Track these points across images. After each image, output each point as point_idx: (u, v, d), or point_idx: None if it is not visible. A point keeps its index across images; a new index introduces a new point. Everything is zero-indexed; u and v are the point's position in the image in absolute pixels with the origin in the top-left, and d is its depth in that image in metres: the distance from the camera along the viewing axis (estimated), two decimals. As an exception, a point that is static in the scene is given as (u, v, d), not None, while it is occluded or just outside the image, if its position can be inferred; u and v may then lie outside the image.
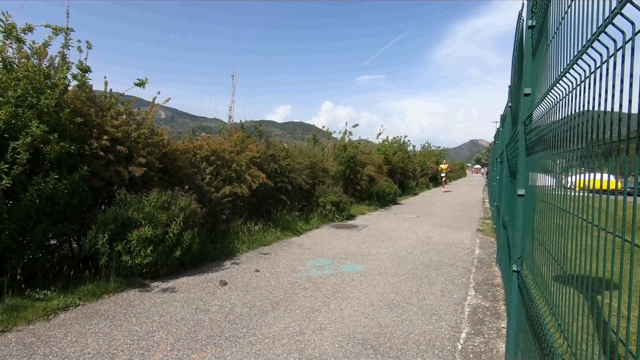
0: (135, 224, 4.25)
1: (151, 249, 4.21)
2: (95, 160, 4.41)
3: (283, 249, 6.21)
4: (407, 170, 18.36)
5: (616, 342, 0.84)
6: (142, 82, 4.98)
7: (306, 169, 9.04)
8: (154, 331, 3.12)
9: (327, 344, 2.95)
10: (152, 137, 5.11)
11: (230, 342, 2.95)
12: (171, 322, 3.31)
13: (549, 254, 1.60)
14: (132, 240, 4.16)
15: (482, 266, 5.36)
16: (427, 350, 2.88)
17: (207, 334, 3.08)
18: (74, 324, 3.22)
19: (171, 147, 5.60)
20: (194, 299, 3.86)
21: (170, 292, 4.07)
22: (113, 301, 3.78)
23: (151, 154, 4.96)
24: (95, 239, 4.12)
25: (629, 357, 0.79)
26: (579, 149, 1.17)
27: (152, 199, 4.51)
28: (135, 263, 4.19)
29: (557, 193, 1.51)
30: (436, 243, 6.86)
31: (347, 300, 3.92)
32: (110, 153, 4.54)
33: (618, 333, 0.82)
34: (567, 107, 1.32)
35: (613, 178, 0.93)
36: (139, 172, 4.61)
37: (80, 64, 4.55)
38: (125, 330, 3.13)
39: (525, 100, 2.34)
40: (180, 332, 3.11)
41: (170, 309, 3.60)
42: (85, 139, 4.35)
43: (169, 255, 4.43)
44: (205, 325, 3.26)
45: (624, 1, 0.73)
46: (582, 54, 1.09)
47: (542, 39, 2.03)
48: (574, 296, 1.20)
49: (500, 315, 3.62)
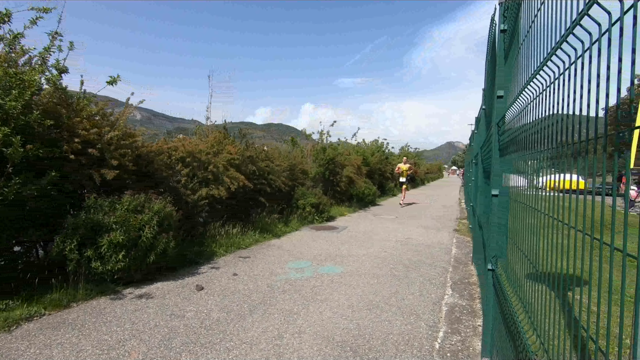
0: (106, 228, 4.08)
1: (123, 254, 4.05)
2: (66, 163, 4.21)
3: (262, 252, 6.13)
4: (385, 172, 18.57)
5: (587, 338, 0.85)
6: (113, 80, 4.81)
7: (286, 170, 8.98)
8: (126, 340, 2.99)
9: (305, 348, 2.92)
10: (126, 139, 4.94)
11: (206, 349, 2.87)
12: (144, 329, 3.19)
13: (522, 252, 1.64)
14: (103, 245, 3.99)
15: (459, 265, 5.47)
16: (405, 351, 2.90)
17: (181, 341, 2.98)
18: (38, 335, 3.05)
19: (145, 149, 5.43)
20: (169, 305, 3.74)
21: (143, 298, 3.93)
22: (82, 309, 3.61)
23: (124, 156, 4.79)
24: (63, 245, 3.93)
25: (598, 352, 0.80)
26: (548, 150, 1.19)
27: (125, 202, 4.35)
28: (106, 269, 4.03)
29: (528, 193, 1.54)
30: (415, 243, 6.95)
31: (327, 302, 3.90)
32: (82, 156, 4.35)
33: (588, 329, 0.83)
34: (537, 109, 1.35)
35: (582, 179, 0.95)
36: (111, 175, 4.44)
37: (57, 64, 4.35)
38: (94, 339, 2.99)
39: (498, 103, 2.40)
40: (153, 339, 3.00)
41: (144, 316, 3.47)
42: (56, 142, 4.16)
43: (142, 260, 4.28)
44: (180, 331, 3.16)
45: (590, 3, 0.74)
46: (550, 56, 1.11)
47: (513, 42, 2.09)
48: (546, 293, 1.22)
49: (476, 314, 3.69)
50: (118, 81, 4.83)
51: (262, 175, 7.83)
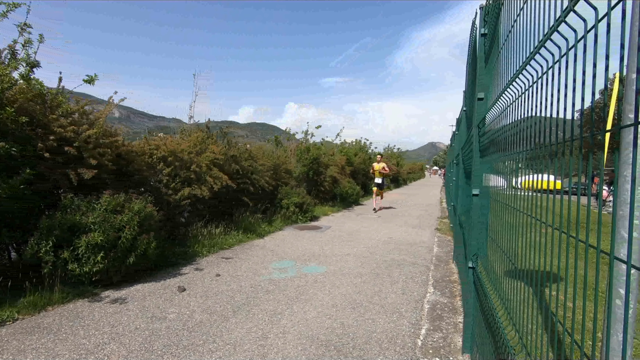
0: (84, 229, 3.97)
1: (102, 256, 3.94)
2: (41, 162, 4.06)
3: (245, 252, 6.08)
4: (369, 172, 18.72)
5: (563, 333, 0.88)
6: (91, 79, 4.67)
7: (269, 170, 8.93)
8: (105, 343, 2.92)
9: (290, 347, 2.91)
10: (105, 138, 4.80)
11: (188, 351, 2.83)
12: (124, 332, 3.11)
13: (501, 250, 1.68)
14: (80, 246, 3.87)
15: (440, 264, 5.57)
16: (388, 348, 2.93)
17: (163, 344, 2.93)
18: (11, 341, 2.93)
19: (126, 148, 5.29)
20: (150, 307, 3.66)
21: (123, 300, 3.83)
22: (58, 313, 3.49)
23: (103, 155, 4.66)
24: (38, 246, 3.79)
25: (573, 345, 0.84)
26: (526, 151, 1.23)
27: (104, 202, 4.23)
28: (84, 271, 3.91)
29: (507, 193, 1.59)
30: (397, 242, 7.04)
31: (311, 302, 3.90)
32: (58, 154, 4.21)
33: (565, 324, 0.86)
34: (516, 112, 1.39)
35: (559, 180, 0.99)
36: (89, 174, 4.31)
37: (27, 58, 4.18)
38: (71, 344, 2.90)
39: (479, 105, 2.46)
40: (133, 343, 2.94)
41: (123, 318, 3.39)
42: (30, 139, 4.00)
43: (122, 262, 4.18)
44: (161, 334, 3.10)
45: (567, 10, 0.77)
46: (529, 60, 1.15)
47: (494, 46, 2.14)
48: (524, 290, 1.27)
49: (457, 311, 3.77)
50: (96, 80, 4.69)
51: (246, 175, 7.76)
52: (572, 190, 0.85)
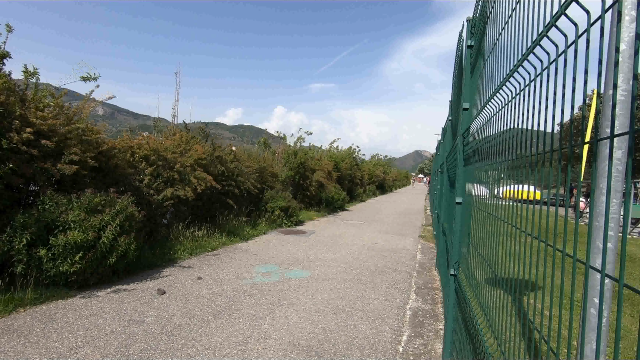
0: (62, 227, 3.85)
1: (80, 256, 3.83)
2: (15, 155, 3.92)
3: (228, 255, 6.01)
4: (355, 178, 18.81)
5: (540, 340, 0.90)
6: (89, 77, 4.54)
7: (255, 172, 8.87)
8: (78, 347, 2.82)
9: (270, 353, 2.88)
10: (87, 134, 4.68)
11: (166, 356, 2.76)
12: (99, 336, 3.02)
13: (483, 258, 1.71)
14: (57, 245, 3.75)
15: (423, 270, 5.62)
16: (370, 355, 2.93)
17: (140, 348, 2.85)
18: (-22, 343, 2.81)
19: (107, 145, 5.18)
20: (127, 310, 3.57)
21: (99, 303, 3.72)
22: (30, 315, 3.36)
23: (85, 151, 4.54)
24: (10, 244, 3.65)
25: (549, 353, 0.85)
26: (507, 161, 1.26)
27: (84, 200, 4.12)
28: (60, 271, 3.78)
29: (489, 202, 1.62)
30: (381, 249, 7.07)
31: (293, 306, 3.87)
32: (34, 148, 4.07)
33: (541, 332, 0.88)
34: (499, 122, 1.42)
35: (538, 191, 1.01)
36: (70, 170, 4.19)
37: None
38: (42, 347, 2.79)
39: (464, 114, 2.50)
40: (109, 347, 2.85)
41: (99, 321, 3.29)
42: (2, 132, 3.86)
43: (100, 263, 4.06)
44: (138, 338, 3.02)
45: (549, 25, 0.80)
46: (512, 72, 1.18)
47: (479, 57, 2.19)
48: (503, 298, 1.28)
49: (438, 318, 3.80)
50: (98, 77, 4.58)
51: (231, 177, 7.69)
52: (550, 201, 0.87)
